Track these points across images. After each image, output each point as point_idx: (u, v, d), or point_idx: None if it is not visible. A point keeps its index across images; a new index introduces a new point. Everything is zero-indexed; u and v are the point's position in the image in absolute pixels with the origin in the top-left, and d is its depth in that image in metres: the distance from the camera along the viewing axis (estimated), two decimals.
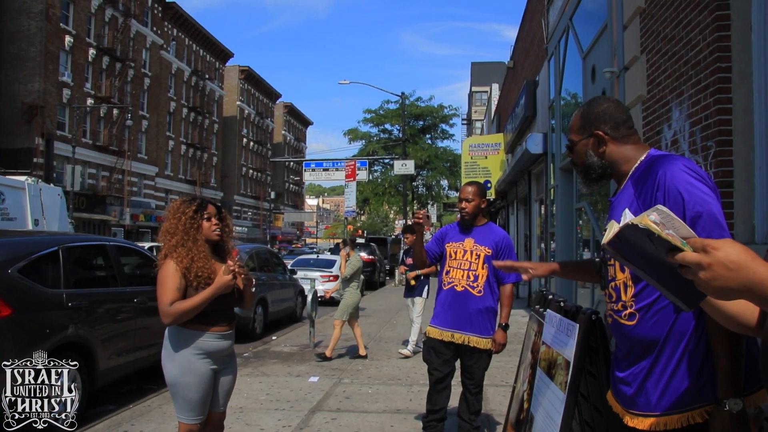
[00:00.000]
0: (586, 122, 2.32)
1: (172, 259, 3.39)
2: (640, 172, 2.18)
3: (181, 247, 3.40)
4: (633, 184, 2.18)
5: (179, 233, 3.44)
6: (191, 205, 3.53)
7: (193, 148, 58.09)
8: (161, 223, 3.79)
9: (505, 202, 24.62)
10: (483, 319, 4.52)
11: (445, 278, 4.61)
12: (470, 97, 57.69)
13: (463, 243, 4.57)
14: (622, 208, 2.14)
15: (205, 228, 3.52)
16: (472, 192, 4.53)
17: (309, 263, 19.88)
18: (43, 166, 34.77)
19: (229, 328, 3.57)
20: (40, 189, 15.36)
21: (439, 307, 4.63)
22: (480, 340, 4.50)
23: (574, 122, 2.37)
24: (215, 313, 3.47)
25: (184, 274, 3.36)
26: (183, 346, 3.42)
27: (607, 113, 2.30)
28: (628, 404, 2.16)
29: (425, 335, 4.76)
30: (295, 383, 7.37)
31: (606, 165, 2.30)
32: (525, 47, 19.13)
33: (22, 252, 5.55)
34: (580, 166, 2.36)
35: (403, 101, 38.76)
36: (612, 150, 2.27)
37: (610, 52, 7.55)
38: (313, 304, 9.92)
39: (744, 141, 4.09)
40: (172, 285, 3.34)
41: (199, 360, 3.42)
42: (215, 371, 3.52)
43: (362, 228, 67.53)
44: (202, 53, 60.25)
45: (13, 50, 35.80)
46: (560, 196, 11.70)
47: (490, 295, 4.56)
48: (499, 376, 7.70)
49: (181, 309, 3.31)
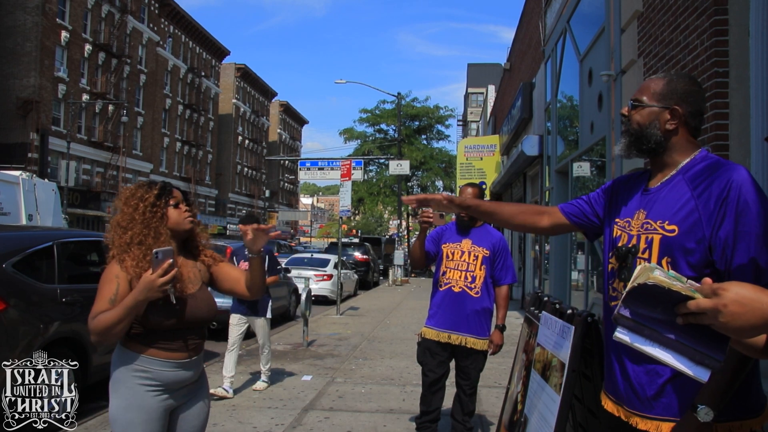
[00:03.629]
0: (671, 93, 2.12)
1: (120, 261, 2.58)
2: (696, 170, 2.06)
3: (137, 246, 2.58)
4: (687, 181, 2.04)
5: (136, 226, 2.60)
6: (152, 190, 2.69)
7: (188, 146, 57.99)
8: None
9: None
10: (480, 320, 4.53)
11: (442, 279, 4.57)
12: (466, 99, 57.71)
13: (461, 244, 4.56)
14: (669, 203, 2.06)
15: (174, 217, 2.70)
16: (472, 194, 4.49)
17: (303, 262, 19.88)
18: (37, 162, 34.66)
19: (194, 353, 2.67)
20: (34, 184, 15.30)
21: (435, 308, 4.59)
22: (477, 341, 4.49)
23: (653, 85, 2.16)
24: (174, 332, 2.60)
25: (137, 279, 2.53)
26: (128, 372, 2.57)
27: (694, 97, 2.14)
28: (640, 407, 2.05)
29: (420, 336, 4.68)
30: (289, 382, 7.37)
31: (663, 144, 2.13)
32: (522, 49, 19.16)
33: (17, 247, 5.53)
34: (635, 129, 2.16)
35: (399, 101, 38.82)
36: (680, 135, 2.12)
37: (607, 55, 7.56)
38: (306, 303, 9.91)
39: (740, 145, 4.11)
40: (108, 294, 2.53)
41: (149, 393, 2.56)
42: (172, 408, 2.67)
43: (356, 228, 67.53)
44: (199, 50, 60.14)
45: (8, 45, 35.69)
46: (555, 199, 11.72)
47: (487, 296, 4.57)
48: (492, 378, 7.71)
49: (102, 322, 2.44)
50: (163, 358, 2.56)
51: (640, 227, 2.12)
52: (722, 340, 1.42)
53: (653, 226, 2.06)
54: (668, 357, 1.49)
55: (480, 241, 4.56)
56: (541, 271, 13.67)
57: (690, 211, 1.99)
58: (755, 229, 1.86)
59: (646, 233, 2.08)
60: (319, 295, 17.24)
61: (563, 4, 10.94)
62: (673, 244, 1.99)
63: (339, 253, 15.58)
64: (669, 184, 2.11)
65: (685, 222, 1.98)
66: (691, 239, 1.96)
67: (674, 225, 2.00)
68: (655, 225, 2.06)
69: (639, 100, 2.16)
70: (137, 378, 2.54)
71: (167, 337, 2.57)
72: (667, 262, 2.00)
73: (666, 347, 1.49)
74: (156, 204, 2.64)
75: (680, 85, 2.13)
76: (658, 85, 2.14)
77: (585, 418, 2.99)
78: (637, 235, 2.11)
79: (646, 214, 2.12)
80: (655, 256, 2.04)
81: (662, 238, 2.02)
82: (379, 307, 16.90)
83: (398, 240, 32.08)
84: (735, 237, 1.88)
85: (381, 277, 30.84)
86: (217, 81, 65.67)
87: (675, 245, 1.99)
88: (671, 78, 2.15)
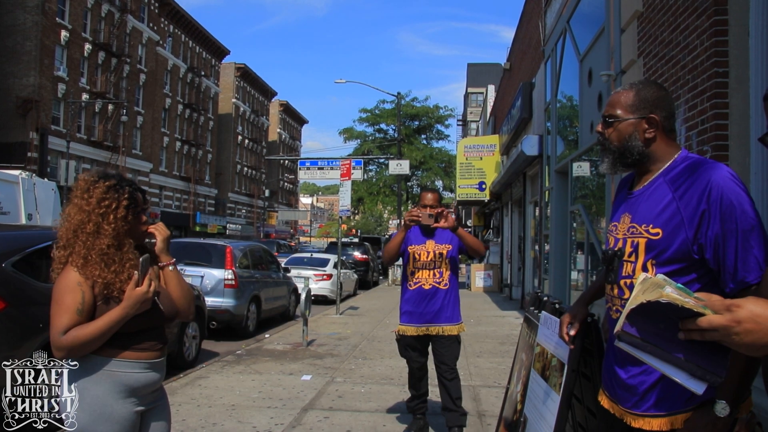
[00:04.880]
0: (643, 102, 2.15)
1: (80, 267, 2.38)
2: (676, 171, 2.10)
3: (99, 254, 2.40)
4: (668, 183, 2.08)
5: (106, 238, 2.41)
6: (120, 195, 2.48)
7: (187, 145, 57.99)
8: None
9: (500, 204, 24.65)
10: (452, 308, 4.96)
11: (411, 279, 4.97)
12: (466, 98, 57.68)
13: (426, 245, 4.96)
14: (651, 205, 2.09)
15: (135, 230, 2.54)
16: (434, 199, 4.91)
17: (303, 262, 19.88)
18: (37, 161, 34.66)
19: (161, 354, 2.57)
20: (33, 183, 15.33)
21: (409, 305, 4.97)
22: (452, 327, 4.93)
23: (623, 98, 2.19)
24: (142, 333, 2.49)
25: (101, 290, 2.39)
26: (95, 381, 2.38)
27: (665, 101, 2.18)
28: (632, 405, 2.11)
29: (398, 333, 5.09)
30: (288, 381, 7.37)
31: (645, 153, 2.16)
32: (522, 49, 19.16)
33: (16, 246, 5.53)
34: (616, 145, 2.19)
35: (399, 101, 38.78)
36: (659, 140, 2.15)
37: (607, 55, 7.56)
38: (306, 303, 9.91)
39: (740, 146, 4.11)
40: (72, 304, 2.33)
41: (119, 401, 2.41)
42: (141, 414, 2.53)
43: (356, 227, 67.53)
44: (198, 50, 60.15)
45: (8, 44, 35.69)
46: (555, 199, 11.72)
47: (455, 285, 5.02)
48: (492, 378, 7.71)
49: (81, 339, 2.29)
50: (135, 359, 2.45)
51: (626, 231, 2.16)
52: (723, 355, 1.42)
53: (638, 230, 2.10)
54: (667, 370, 1.50)
55: (441, 239, 4.96)
56: (541, 271, 13.67)
57: (672, 213, 2.02)
58: (742, 226, 1.90)
59: (632, 237, 2.12)
60: (319, 295, 17.25)
61: (563, 4, 10.94)
62: (657, 246, 2.04)
63: (339, 252, 15.57)
64: (651, 187, 2.14)
65: (669, 225, 2.02)
66: (674, 241, 2.00)
67: (658, 228, 2.04)
68: (640, 229, 2.10)
69: (612, 115, 2.19)
70: (104, 385, 2.39)
71: (135, 338, 2.46)
72: (652, 264, 2.04)
73: (666, 362, 1.49)
74: (125, 217, 2.48)
75: (649, 92, 2.17)
76: (628, 97, 2.18)
77: (585, 417, 2.99)
78: (623, 239, 2.16)
79: (631, 218, 2.16)
80: (641, 259, 2.08)
81: (647, 241, 2.06)
82: (378, 306, 16.90)
83: None
84: (724, 236, 1.92)
85: (381, 276, 30.84)
86: (217, 80, 65.66)
87: (659, 248, 2.03)
88: (638, 88, 2.20)
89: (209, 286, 10.86)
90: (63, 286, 2.36)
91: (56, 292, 2.37)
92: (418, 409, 5.25)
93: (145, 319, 2.46)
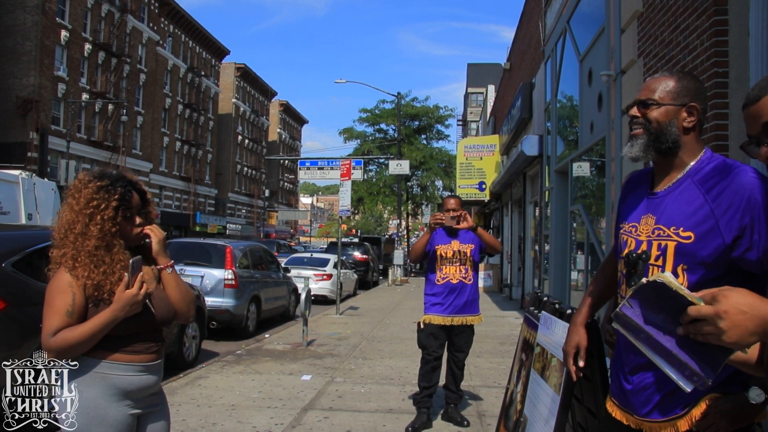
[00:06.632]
0: (685, 91, 2.07)
1: (70, 269, 2.36)
2: (705, 172, 2.01)
3: (88, 256, 2.37)
4: (698, 184, 1.99)
5: (91, 239, 2.38)
6: (110, 195, 2.44)
7: (187, 145, 57.99)
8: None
9: (500, 204, 24.65)
10: (475, 300, 5.60)
11: (439, 274, 5.53)
12: (466, 98, 57.67)
13: (451, 245, 5.53)
14: (680, 207, 2.00)
15: (126, 231, 2.50)
16: (456, 203, 5.50)
17: (303, 262, 19.88)
18: (37, 161, 34.65)
19: (157, 356, 2.53)
20: (34, 183, 15.33)
21: (438, 297, 5.51)
22: (474, 318, 5.61)
23: (664, 84, 2.09)
24: (135, 336, 2.45)
25: (91, 291, 2.36)
26: (88, 384, 2.35)
27: (703, 94, 2.11)
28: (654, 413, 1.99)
29: (422, 323, 5.54)
30: (288, 381, 7.37)
31: (679, 142, 2.06)
32: (522, 49, 19.17)
33: (16, 246, 5.52)
34: (654, 128, 2.07)
35: (399, 101, 38.79)
36: (693, 133, 2.08)
37: (607, 55, 7.56)
38: (306, 303, 9.91)
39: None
40: (63, 305, 2.31)
41: (113, 404, 2.37)
42: (137, 417, 2.49)
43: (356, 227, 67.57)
44: (198, 50, 60.15)
45: (8, 44, 35.69)
46: (555, 199, 11.72)
47: (477, 280, 5.66)
48: (492, 378, 7.72)
49: (69, 341, 2.28)
50: (126, 361, 2.40)
51: (650, 233, 2.04)
52: (717, 360, 1.42)
53: (666, 232, 1.99)
54: (658, 360, 1.50)
55: (465, 240, 5.55)
56: (541, 271, 13.67)
57: (705, 216, 1.93)
58: None
59: (659, 239, 2.01)
60: (319, 295, 17.25)
61: (563, 4, 10.94)
62: (689, 251, 1.93)
63: (339, 252, 15.57)
64: (678, 188, 2.05)
65: (701, 228, 1.92)
66: (708, 246, 1.90)
67: (689, 231, 1.93)
68: (668, 231, 1.99)
69: (652, 99, 2.08)
70: (97, 387, 2.35)
71: (128, 341, 2.41)
72: (683, 270, 1.94)
73: (658, 353, 1.49)
74: (113, 217, 2.42)
75: (690, 82, 2.10)
76: (670, 83, 2.09)
77: (584, 418, 2.99)
78: (648, 241, 2.04)
79: (656, 219, 2.04)
80: (669, 263, 1.97)
81: (677, 245, 1.95)
82: (378, 306, 16.90)
83: (398, 240, 32.08)
84: None
85: (380, 276, 30.84)
86: (217, 80, 65.66)
87: (691, 252, 1.93)
88: (679, 76, 2.11)
89: (209, 286, 10.86)
90: (54, 287, 2.35)
91: (48, 294, 2.36)
92: (423, 403, 5.50)
93: (137, 321, 2.41)
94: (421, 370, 5.56)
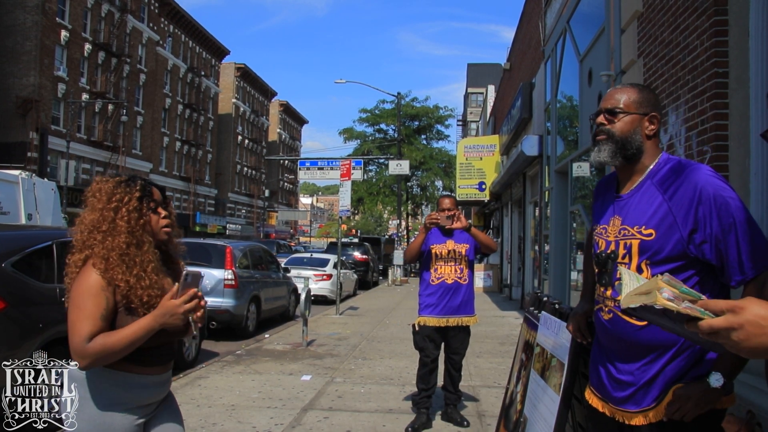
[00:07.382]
0: (647, 101, 2.26)
1: (102, 271, 2.23)
2: (662, 173, 2.18)
3: (119, 255, 2.25)
4: (657, 185, 2.16)
5: (121, 235, 2.27)
6: (132, 191, 2.35)
7: (187, 145, 57.98)
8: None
9: (500, 204, 24.65)
10: (470, 301, 5.57)
11: (434, 274, 5.50)
12: (466, 99, 57.68)
13: (446, 244, 5.52)
14: (642, 207, 2.16)
15: (153, 224, 2.39)
16: (451, 203, 5.47)
17: (302, 262, 19.88)
18: (36, 161, 34.64)
19: (167, 368, 2.45)
20: (33, 183, 15.29)
21: (433, 298, 5.48)
22: (470, 318, 5.56)
23: (627, 95, 2.28)
24: (155, 349, 2.34)
25: (122, 296, 2.25)
26: (100, 392, 2.27)
27: (659, 105, 2.31)
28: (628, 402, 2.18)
29: (417, 325, 5.51)
30: (288, 381, 7.37)
31: (642, 148, 2.25)
32: (522, 49, 19.16)
33: (16, 246, 5.53)
34: (618, 137, 2.24)
35: (399, 101, 38.80)
36: (654, 139, 2.26)
37: (607, 55, 7.56)
38: (306, 303, 9.91)
39: (740, 146, 4.10)
40: (95, 309, 2.19)
41: (121, 414, 2.29)
42: (144, 424, 2.42)
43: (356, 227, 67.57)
44: (198, 50, 60.14)
45: (8, 44, 35.67)
46: (555, 199, 11.72)
47: (472, 280, 5.63)
48: (492, 378, 7.72)
49: (109, 347, 2.17)
50: (139, 373, 2.31)
51: (617, 233, 2.22)
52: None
53: (630, 231, 2.16)
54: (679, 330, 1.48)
55: (460, 239, 5.53)
56: (541, 271, 13.67)
57: (664, 214, 2.09)
58: (738, 219, 1.97)
59: (624, 239, 2.18)
60: (319, 295, 17.25)
61: (563, 4, 10.94)
62: (651, 247, 2.09)
63: (339, 252, 15.57)
64: (640, 190, 2.22)
65: (661, 225, 2.08)
66: (668, 241, 2.06)
67: (651, 229, 2.10)
68: (632, 231, 2.16)
69: (616, 109, 2.27)
70: (106, 397, 2.27)
71: (145, 352, 2.30)
72: (647, 265, 2.09)
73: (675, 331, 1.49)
74: (139, 209, 2.33)
75: (650, 94, 2.30)
76: (632, 94, 2.27)
77: (584, 417, 2.99)
78: (615, 241, 2.22)
79: (621, 220, 2.22)
80: (635, 260, 2.14)
81: (641, 242, 2.12)
82: (378, 306, 16.90)
83: (398, 240, 32.09)
84: (722, 232, 1.98)
85: (380, 277, 30.84)
86: (217, 80, 65.64)
87: (653, 248, 2.09)
88: (640, 88, 2.31)
89: (209, 286, 10.85)
90: (85, 289, 2.21)
91: (77, 296, 2.21)
92: (422, 404, 5.52)
93: (161, 333, 2.30)
94: (419, 372, 5.58)
